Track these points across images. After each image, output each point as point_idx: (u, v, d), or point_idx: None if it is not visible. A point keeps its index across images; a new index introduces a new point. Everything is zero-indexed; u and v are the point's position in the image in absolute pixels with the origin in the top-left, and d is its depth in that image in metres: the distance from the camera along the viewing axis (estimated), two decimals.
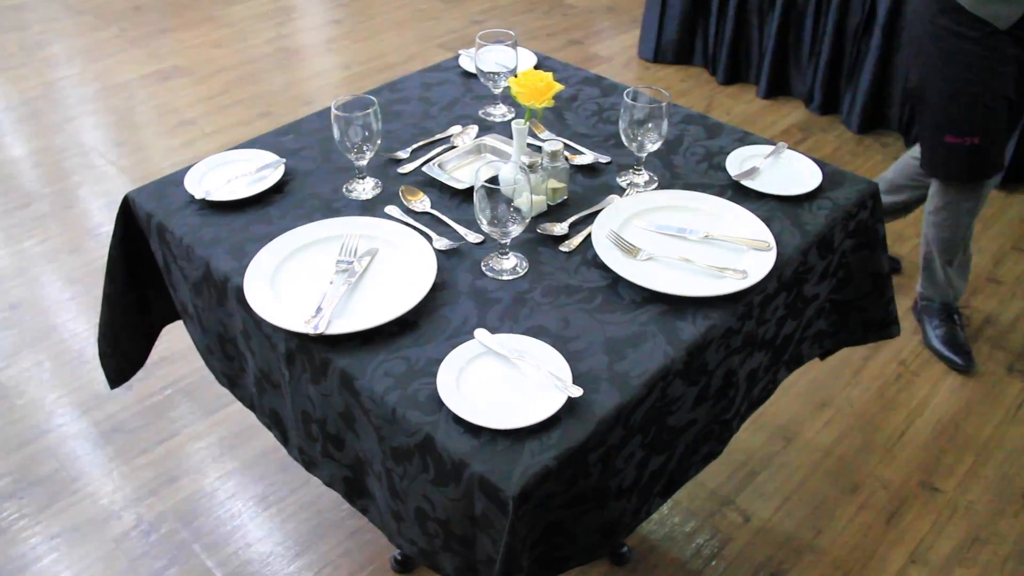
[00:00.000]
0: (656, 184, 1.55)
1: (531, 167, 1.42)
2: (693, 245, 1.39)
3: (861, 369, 2.35)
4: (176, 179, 1.56)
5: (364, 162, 1.50)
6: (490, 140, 1.65)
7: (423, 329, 1.24)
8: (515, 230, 1.29)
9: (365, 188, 1.53)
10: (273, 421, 1.43)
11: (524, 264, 1.35)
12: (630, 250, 1.36)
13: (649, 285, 1.28)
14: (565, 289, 1.31)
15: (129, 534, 1.95)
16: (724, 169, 1.58)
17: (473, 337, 1.21)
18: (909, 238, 2.82)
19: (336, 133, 1.45)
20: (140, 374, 2.34)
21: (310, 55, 4.12)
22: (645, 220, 1.43)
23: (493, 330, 1.23)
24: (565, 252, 1.38)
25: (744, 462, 2.09)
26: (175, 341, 2.42)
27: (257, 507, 2.00)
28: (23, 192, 3.11)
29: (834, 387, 2.30)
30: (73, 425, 2.22)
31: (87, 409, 2.26)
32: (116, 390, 2.29)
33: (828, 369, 2.34)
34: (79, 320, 2.54)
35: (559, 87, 1.46)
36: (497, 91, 1.72)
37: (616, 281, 1.32)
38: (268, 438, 2.15)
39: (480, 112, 1.77)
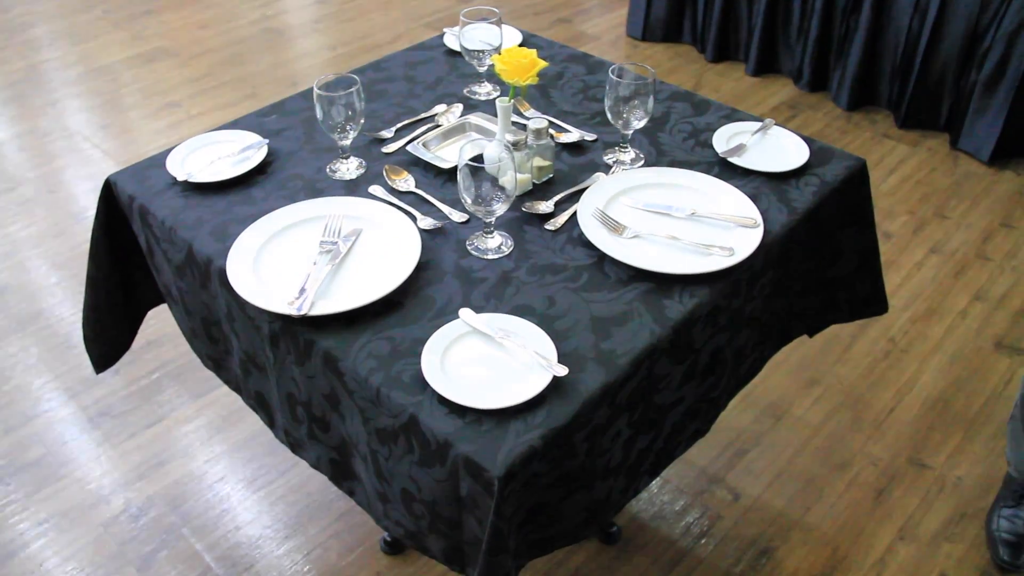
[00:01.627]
0: (642, 162, 1.54)
1: (516, 145, 1.40)
2: (679, 222, 1.38)
3: (850, 346, 2.35)
4: (158, 161, 1.54)
5: (348, 142, 1.49)
6: (475, 119, 1.63)
7: (407, 309, 1.23)
8: (500, 209, 1.28)
9: (349, 168, 1.52)
10: (259, 403, 1.42)
11: (509, 243, 1.34)
12: (616, 228, 1.35)
13: (635, 263, 1.27)
14: (550, 268, 1.30)
15: (118, 518, 1.94)
16: (711, 146, 1.57)
17: (458, 317, 1.20)
18: (899, 215, 2.82)
19: (319, 113, 1.43)
20: (127, 358, 2.32)
21: (296, 36, 4.08)
22: (631, 198, 1.42)
23: (478, 310, 1.22)
24: (551, 230, 1.37)
25: (733, 440, 2.10)
26: (162, 324, 2.41)
27: (246, 490, 2.00)
28: (7, 176, 3.08)
29: (823, 364, 2.30)
30: (60, 410, 2.20)
31: (74, 394, 2.25)
32: (104, 374, 2.28)
33: (817, 346, 2.34)
34: (65, 305, 2.52)
35: (543, 64, 1.45)
36: (482, 69, 1.70)
37: (602, 259, 1.31)
38: (256, 421, 2.14)
39: (465, 90, 1.75)
